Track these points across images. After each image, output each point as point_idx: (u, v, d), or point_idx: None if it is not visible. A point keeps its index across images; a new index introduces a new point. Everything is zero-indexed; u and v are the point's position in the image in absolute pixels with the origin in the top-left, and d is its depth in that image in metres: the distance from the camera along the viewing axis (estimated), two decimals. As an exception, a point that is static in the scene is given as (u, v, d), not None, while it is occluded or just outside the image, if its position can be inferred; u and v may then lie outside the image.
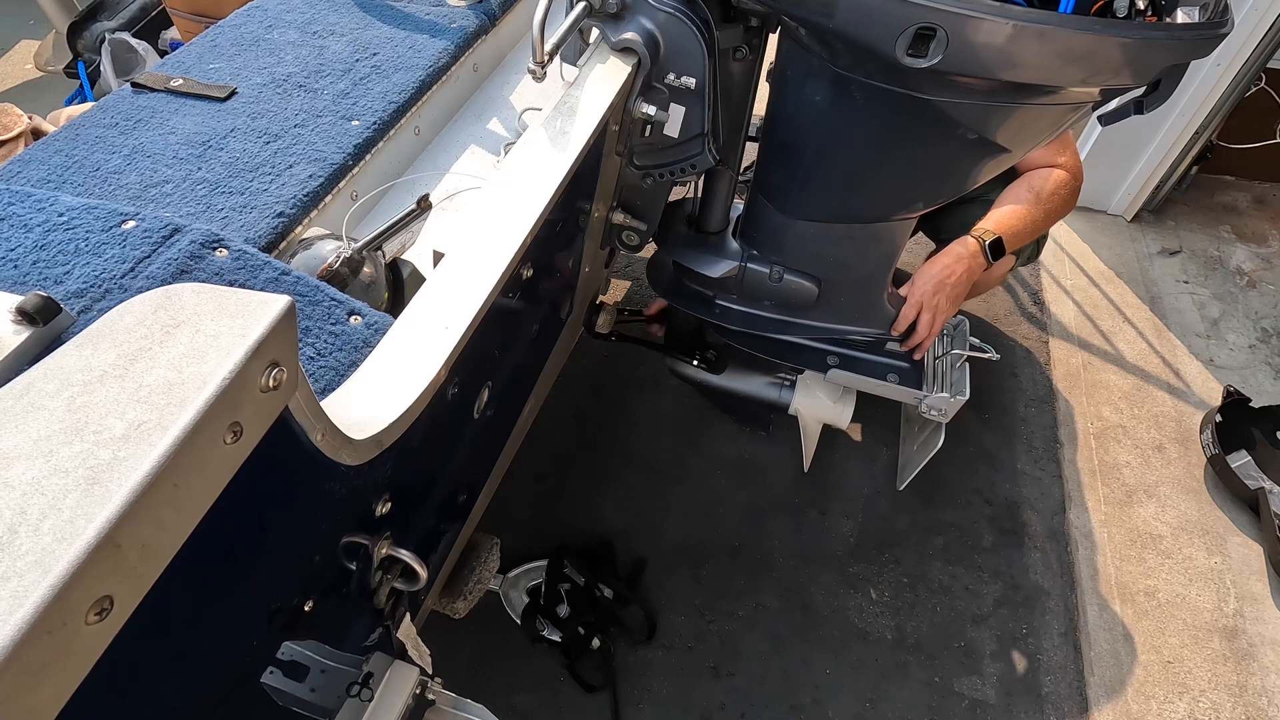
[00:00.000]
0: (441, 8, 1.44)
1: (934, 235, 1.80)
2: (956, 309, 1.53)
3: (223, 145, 1.12)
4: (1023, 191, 1.52)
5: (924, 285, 1.45)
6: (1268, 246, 2.54)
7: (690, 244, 1.41)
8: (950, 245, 1.49)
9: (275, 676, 0.72)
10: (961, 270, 1.46)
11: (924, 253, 2.44)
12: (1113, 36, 0.84)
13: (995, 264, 1.51)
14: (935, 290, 1.44)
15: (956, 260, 1.47)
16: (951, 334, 1.63)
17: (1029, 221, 1.50)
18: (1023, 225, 1.50)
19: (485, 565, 1.20)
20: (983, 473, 1.91)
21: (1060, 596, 1.71)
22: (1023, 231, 1.50)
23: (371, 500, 0.75)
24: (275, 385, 0.48)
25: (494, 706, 0.90)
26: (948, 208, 1.39)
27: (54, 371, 0.44)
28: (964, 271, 1.46)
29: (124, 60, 2.36)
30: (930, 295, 1.44)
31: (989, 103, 0.96)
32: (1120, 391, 2.07)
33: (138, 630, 0.43)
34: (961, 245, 1.48)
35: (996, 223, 1.49)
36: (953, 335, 1.63)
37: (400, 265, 1.07)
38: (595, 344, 2.06)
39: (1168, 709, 1.54)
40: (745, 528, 1.78)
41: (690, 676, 1.56)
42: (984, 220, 1.51)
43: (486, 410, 1.01)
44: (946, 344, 1.59)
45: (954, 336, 1.63)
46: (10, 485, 0.39)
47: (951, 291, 1.46)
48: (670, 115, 1.10)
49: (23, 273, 0.80)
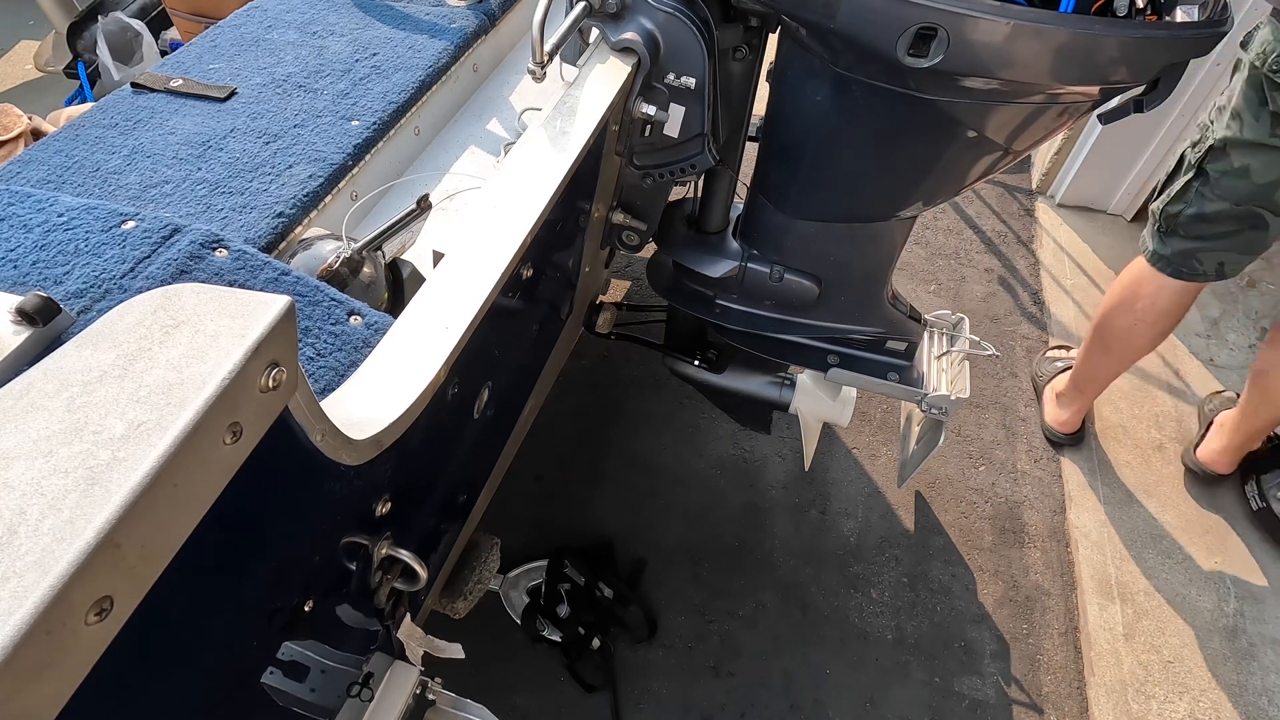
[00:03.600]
0: (441, 8, 1.44)
1: None
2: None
3: (222, 145, 1.12)
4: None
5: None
6: (1268, 246, 2.53)
7: (690, 244, 1.41)
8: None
9: (275, 677, 0.72)
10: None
11: (924, 252, 2.45)
12: (1113, 35, 0.84)
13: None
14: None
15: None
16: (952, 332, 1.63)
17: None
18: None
19: (485, 565, 1.20)
20: (983, 473, 1.91)
21: (1060, 596, 1.71)
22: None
23: (371, 500, 0.75)
24: (275, 385, 0.48)
25: (494, 706, 0.91)
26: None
27: (54, 372, 0.44)
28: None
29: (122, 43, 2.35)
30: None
31: (989, 102, 0.96)
32: (1120, 391, 2.07)
33: (138, 630, 0.43)
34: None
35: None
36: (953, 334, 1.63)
37: (400, 265, 1.07)
38: (595, 344, 2.06)
39: (1168, 709, 1.54)
40: (745, 528, 1.78)
41: (690, 676, 1.56)
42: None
43: (486, 410, 1.01)
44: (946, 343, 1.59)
45: (954, 335, 1.63)
46: (10, 485, 0.39)
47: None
48: (670, 115, 1.10)
49: (23, 273, 0.80)
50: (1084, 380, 1.84)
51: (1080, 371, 1.83)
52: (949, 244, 2.50)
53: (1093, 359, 1.78)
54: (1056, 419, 1.93)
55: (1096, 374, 1.80)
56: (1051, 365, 2.04)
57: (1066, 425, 1.91)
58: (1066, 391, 1.89)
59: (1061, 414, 1.92)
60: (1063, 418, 1.91)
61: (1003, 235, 2.54)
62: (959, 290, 2.35)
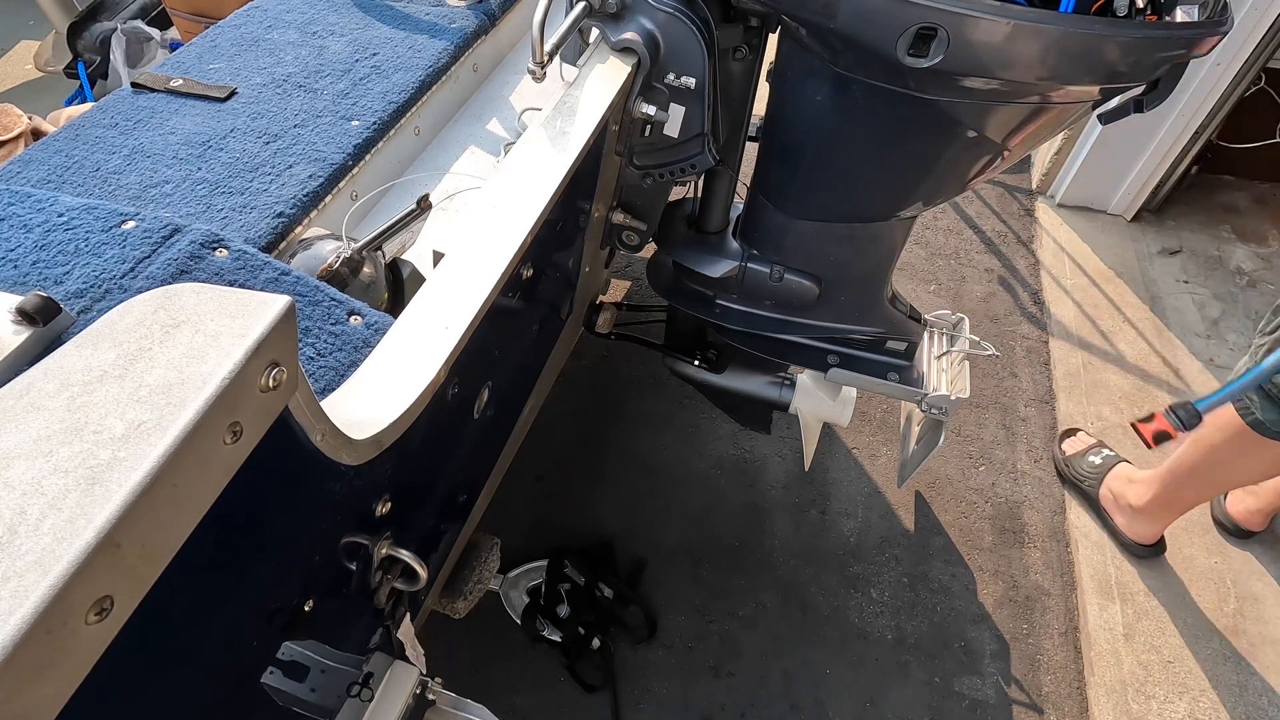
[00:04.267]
0: (441, 8, 1.44)
1: None
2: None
3: (223, 145, 1.12)
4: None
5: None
6: (1268, 246, 2.54)
7: (690, 244, 1.41)
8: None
9: (275, 677, 0.72)
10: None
11: (924, 252, 2.45)
12: (1113, 35, 0.84)
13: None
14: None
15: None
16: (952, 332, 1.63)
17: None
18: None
19: (485, 565, 1.20)
20: (983, 473, 1.91)
21: (1060, 596, 1.71)
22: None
23: (371, 500, 0.75)
24: (275, 385, 0.48)
25: (494, 706, 0.90)
26: None
27: (54, 371, 0.44)
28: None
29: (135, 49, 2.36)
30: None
31: (989, 102, 0.96)
32: (1120, 391, 2.07)
33: (138, 630, 0.43)
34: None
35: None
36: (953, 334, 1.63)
37: (400, 265, 1.07)
38: (595, 344, 2.06)
39: (1168, 709, 1.54)
40: (745, 528, 1.78)
41: (690, 676, 1.56)
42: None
43: (486, 410, 1.01)
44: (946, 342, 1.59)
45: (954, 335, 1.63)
46: (10, 485, 0.39)
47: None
48: (670, 115, 1.10)
49: (23, 273, 0.80)
50: (1180, 504, 1.67)
51: (1174, 496, 1.65)
52: (949, 244, 2.50)
53: (1193, 492, 1.63)
54: (1138, 534, 1.74)
55: (1196, 499, 1.67)
56: (1089, 464, 1.85)
57: (1150, 537, 1.74)
58: (1151, 509, 1.69)
59: (1144, 529, 1.73)
60: (1147, 532, 1.73)
61: (1003, 235, 2.54)
62: (959, 290, 2.35)
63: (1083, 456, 1.88)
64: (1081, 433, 1.95)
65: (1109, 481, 1.81)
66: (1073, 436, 1.94)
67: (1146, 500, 1.69)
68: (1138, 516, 1.73)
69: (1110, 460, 1.84)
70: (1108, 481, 1.81)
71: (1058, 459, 1.93)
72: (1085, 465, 1.87)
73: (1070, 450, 1.91)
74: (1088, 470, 1.86)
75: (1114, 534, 1.78)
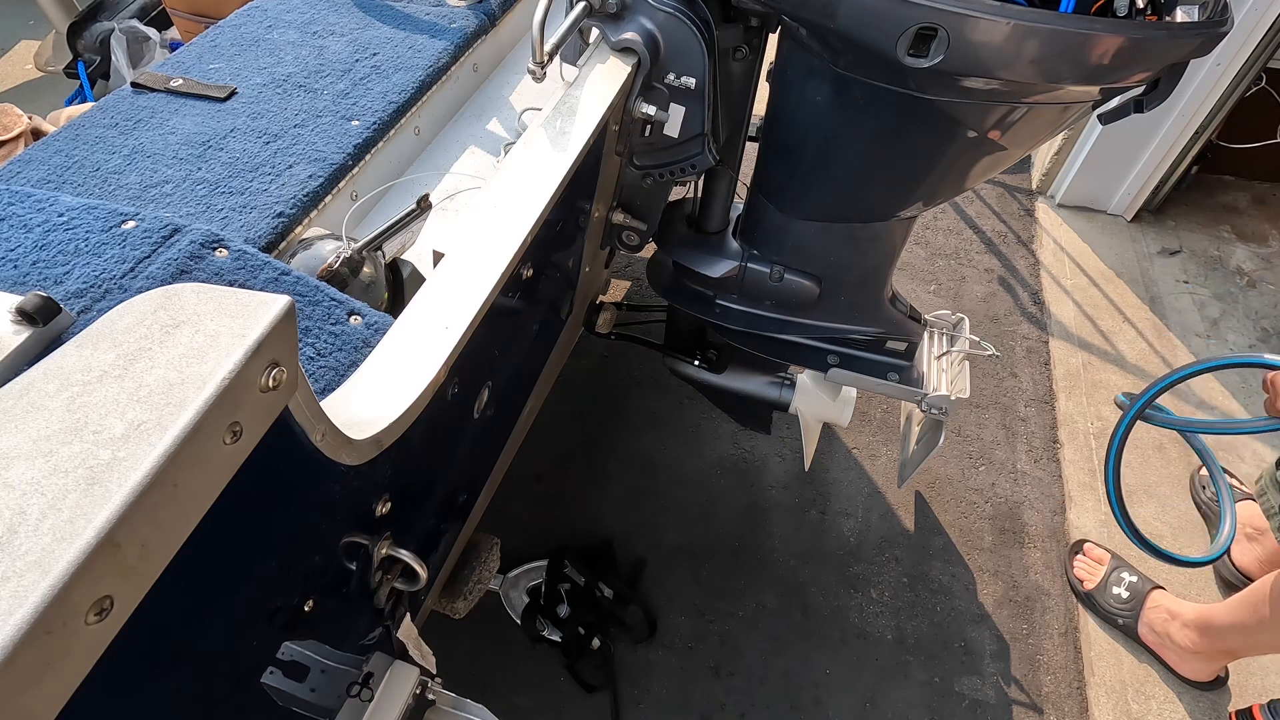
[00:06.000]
0: (441, 8, 1.44)
1: None
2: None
3: (223, 145, 1.12)
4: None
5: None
6: (1268, 246, 2.54)
7: (690, 244, 1.41)
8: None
9: (275, 676, 0.72)
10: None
11: (924, 252, 2.45)
12: (1113, 35, 0.84)
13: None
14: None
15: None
16: (952, 332, 1.63)
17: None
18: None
19: (485, 565, 1.20)
20: (983, 473, 1.91)
21: (1060, 596, 1.71)
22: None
23: (371, 500, 0.75)
24: (275, 385, 0.48)
25: (494, 706, 0.91)
26: None
27: (54, 371, 0.44)
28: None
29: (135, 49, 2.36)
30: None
31: (990, 102, 0.96)
32: (1120, 390, 2.07)
33: (138, 630, 0.43)
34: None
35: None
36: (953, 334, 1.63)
37: (400, 265, 1.07)
38: (595, 344, 2.06)
39: (1167, 709, 1.54)
40: (745, 528, 1.78)
41: (690, 676, 1.56)
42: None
43: (486, 410, 1.01)
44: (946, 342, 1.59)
45: (954, 335, 1.63)
46: (10, 485, 0.39)
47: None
48: (670, 115, 1.10)
49: (23, 273, 0.80)
50: (1233, 654, 1.54)
51: (1224, 646, 1.50)
52: (949, 244, 2.50)
53: (1243, 645, 1.48)
54: (1194, 673, 1.58)
55: (1250, 652, 1.52)
56: (1115, 599, 1.64)
57: (1208, 675, 1.58)
58: (1202, 650, 1.53)
59: (1200, 669, 1.57)
60: (1204, 670, 1.57)
61: (1003, 235, 2.54)
62: (959, 290, 2.35)
63: (1105, 589, 1.66)
64: (1089, 545, 1.75)
65: (1149, 619, 1.60)
66: (1080, 555, 1.74)
67: (1196, 642, 1.53)
68: (1190, 657, 1.56)
69: (1137, 590, 1.63)
70: (1147, 619, 1.60)
71: (1075, 588, 1.71)
72: (1112, 600, 1.65)
73: (1086, 579, 1.70)
74: (1118, 607, 1.64)
75: (1177, 672, 1.60)
